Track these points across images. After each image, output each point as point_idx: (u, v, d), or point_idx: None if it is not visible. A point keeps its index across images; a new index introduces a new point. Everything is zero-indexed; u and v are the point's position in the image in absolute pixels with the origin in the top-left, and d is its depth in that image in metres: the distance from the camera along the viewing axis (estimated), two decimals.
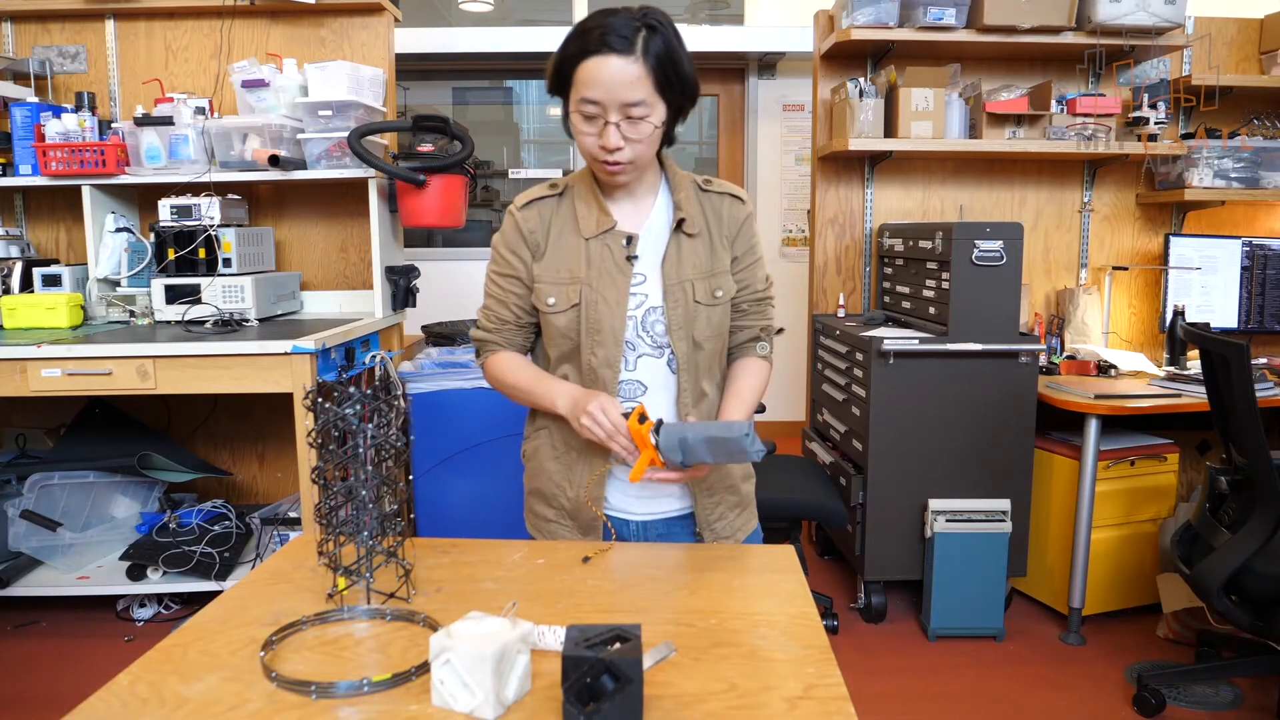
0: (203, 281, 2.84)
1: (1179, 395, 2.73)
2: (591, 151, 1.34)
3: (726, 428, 1.16)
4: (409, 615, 1.11)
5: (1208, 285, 3.23)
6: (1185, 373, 3.02)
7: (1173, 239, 3.21)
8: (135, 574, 2.81)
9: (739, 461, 1.14)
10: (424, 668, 0.97)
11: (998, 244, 2.69)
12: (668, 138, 1.40)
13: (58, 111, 2.92)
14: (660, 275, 1.41)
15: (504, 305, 1.47)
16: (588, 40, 1.27)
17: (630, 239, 1.41)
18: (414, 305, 3.20)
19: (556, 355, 1.46)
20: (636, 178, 1.41)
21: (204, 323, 2.80)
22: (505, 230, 1.47)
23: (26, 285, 2.95)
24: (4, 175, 2.96)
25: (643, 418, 1.26)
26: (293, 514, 2.93)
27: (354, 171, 2.91)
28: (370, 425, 1.12)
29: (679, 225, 1.41)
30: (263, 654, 1.00)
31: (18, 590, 2.79)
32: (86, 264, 3.02)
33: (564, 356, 1.45)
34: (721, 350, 1.48)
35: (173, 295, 2.85)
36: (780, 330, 1.58)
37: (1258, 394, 2.17)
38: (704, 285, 1.41)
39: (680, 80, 1.32)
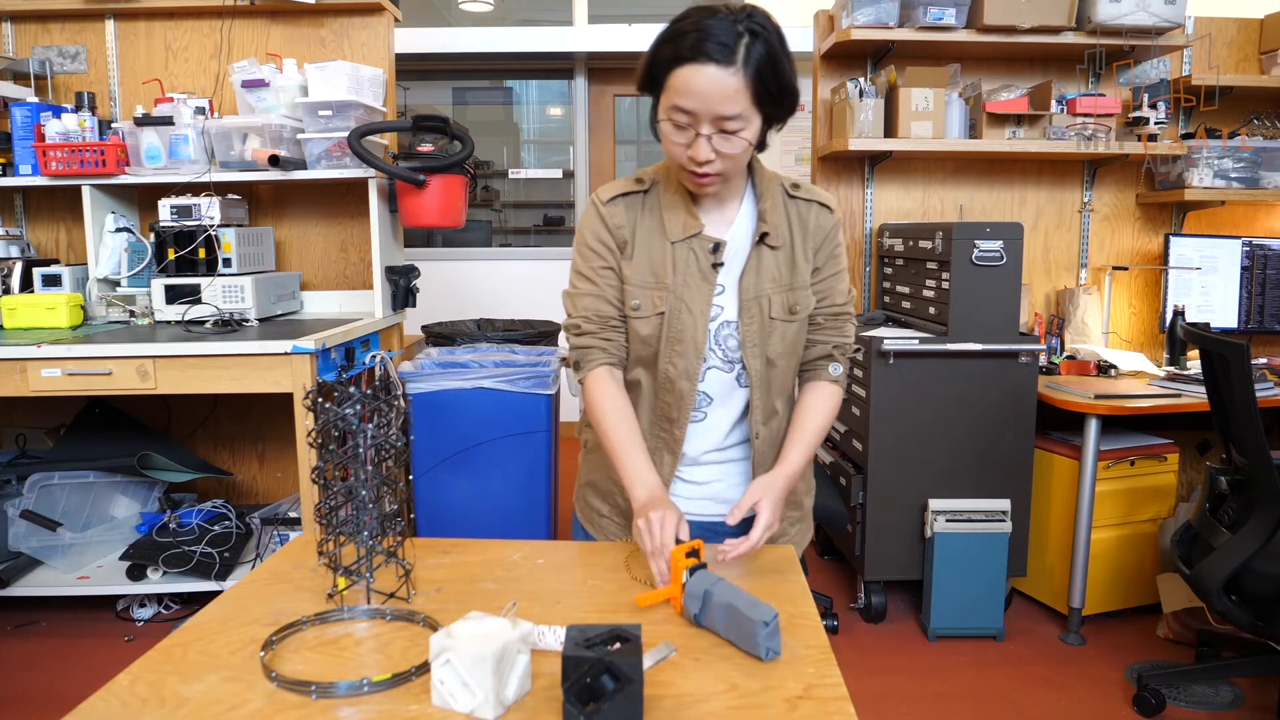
0: (203, 281, 2.84)
1: (1179, 395, 2.73)
2: (680, 161, 1.27)
3: (753, 606, 1.02)
4: (409, 615, 1.11)
5: (1208, 285, 3.23)
6: (1185, 373, 3.02)
7: (1173, 239, 3.21)
8: (135, 574, 2.81)
9: (746, 649, 1.01)
10: (424, 668, 0.97)
11: (998, 244, 2.69)
12: (760, 144, 1.32)
13: (58, 111, 2.92)
14: (738, 289, 1.35)
15: (603, 300, 1.38)
16: (682, 45, 1.18)
17: (717, 245, 1.34)
18: (414, 305, 3.20)
19: (634, 358, 1.41)
20: (725, 187, 1.35)
21: (204, 323, 2.80)
22: (590, 224, 1.39)
23: (26, 285, 2.95)
24: (4, 175, 2.96)
25: (694, 552, 1.15)
26: (293, 514, 2.93)
27: (354, 171, 2.91)
28: (370, 425, 1.12)
29: (762, 238, 1.35)
30: (263, 654, 1.00)
31: (18, 590, 2.79)
32: (86, 264, 3.02)
33: (640, 361, 1.40)
34: (795, 367, 1.42)
35: (173, 295, 2.85)
36: (858, 349, 1.46)
37: (1258, 394, 2.17)
38: (781, 300, 1.35)
39: (781, 91, 1.23)
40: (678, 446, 1.40)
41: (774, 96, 1.22)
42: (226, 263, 2.88)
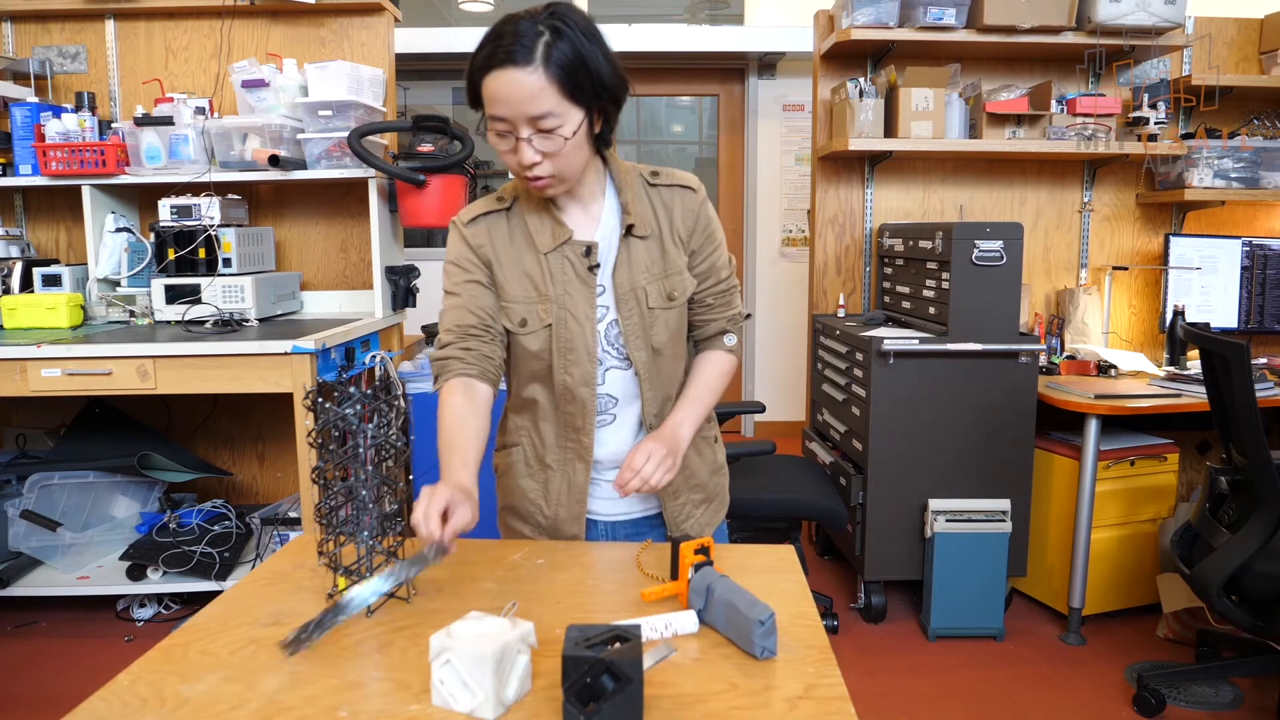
0: (203, 281, 2.84)
1: (1179, 395, 2.73)
2: (513, 169, 1.28)
3: (751, 605, 1.03)
4: None
5: (1208, 285, 3.23)
6: (1185, 373, 3.02)
7: (1173, 239, 3.21)
8: (135, 574, 2.81)
9: (743, 646, 1.03)
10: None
11: (998, 244, 2.69)
12: (602, 140, 1.32)
13: (58, 111, 2.92)
14: (613, 284, 1.36)
15: (465, 310, 1.36)
16: (491, 52, 1.20)
17: (590, 248, 1.35)
18: (414, 305, 3.20)
19: (527, 374, 1.41)
20: (571, 188, 1.34)
21: (204, 323, 2.80)
22: (453, 245, 1.39)
23: (26, 285, 2.95)
24: (4, 175, 2.96)
25: (703, 549, 1.16)
26: (293, 514, 2.93)
27: (354, 171, 2.91)
28: (370, 425, 1.12)
29: (628, 230, 1.35)
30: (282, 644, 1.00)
31: (18, 590, 2.79)
32: (86, 264, 3.02)
33: (534, 377, 1.40)
34: (683, 353, 1.45)
35: (173, 295, 2.85)
36: (748, 315, 1.50)
37: (1258, 394, 2.17)
38: (657, 289, 1.37)
39: (594, 82, 1.22)
40: (588, 454, 1.40)
41: (586, 89, 1.22)
42: (226, 263, 2.88)
